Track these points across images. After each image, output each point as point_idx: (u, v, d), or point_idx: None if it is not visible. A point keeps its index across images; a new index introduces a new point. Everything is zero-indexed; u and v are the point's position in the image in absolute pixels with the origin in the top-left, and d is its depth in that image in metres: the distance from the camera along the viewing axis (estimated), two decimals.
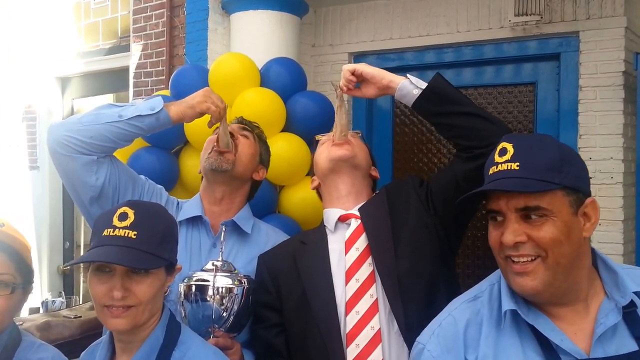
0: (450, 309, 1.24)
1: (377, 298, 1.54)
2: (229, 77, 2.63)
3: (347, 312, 1.54)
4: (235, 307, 1.54)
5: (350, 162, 1.68)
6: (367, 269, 1.58)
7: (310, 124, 2.58)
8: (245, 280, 1.57)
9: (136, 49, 3.73)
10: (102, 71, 4.43)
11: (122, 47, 4.17)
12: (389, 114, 3.33)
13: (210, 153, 1.76)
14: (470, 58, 3.05)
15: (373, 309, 1.53)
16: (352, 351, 1.51)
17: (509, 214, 1.10)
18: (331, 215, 1.70)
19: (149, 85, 3.67)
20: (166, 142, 2.67)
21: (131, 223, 1.23)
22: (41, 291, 4.53)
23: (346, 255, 1.61)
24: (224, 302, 1.51)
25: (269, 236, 1.86)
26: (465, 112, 1.55)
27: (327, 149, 1.70)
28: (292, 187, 2.60)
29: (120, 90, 4.33)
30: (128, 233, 1.22)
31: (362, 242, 1.61)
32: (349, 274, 1.58)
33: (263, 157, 1.91)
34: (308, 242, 1.71)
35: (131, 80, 3.79)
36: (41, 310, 3.58)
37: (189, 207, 1.82)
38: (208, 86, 2.60)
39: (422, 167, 3.23)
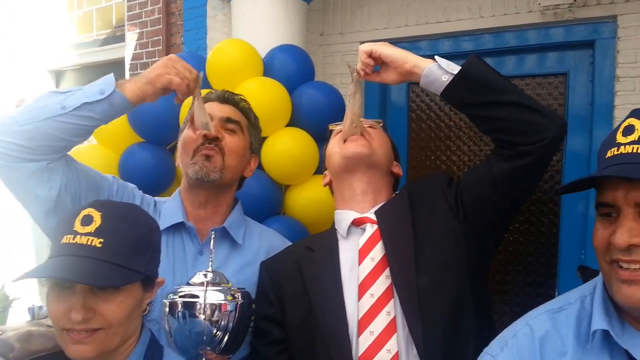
0: (528, 318, 1.13)
1: (395, 316, 1.36)
2: (228, 65, 2.47)
3: (360, 331, 1.36)
4: (230, 326, 1.36)
5: (366, 161, 1.50)
6: (383, 282, 1.40)
7: (318, 117, 2.41)
8: (239, 294, 1.39)
9: (131, 38, 3.67)
10: (97, 63, 4.39)
11: (117, 38, 4.13)
12: (404, 108, 3.14)
13: (194, 158, 1.52)
14: (493, 46, 2.85)
15: (390, 329, 1.35)
16: None
17: (626, 209, 0.96)
18: (343, 218, 1.52)
19: None
20: (161, 138, 2.53)
21: (96, 228, 1.07)
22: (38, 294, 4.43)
23: (360, 266, 1.43)
24: (215, 318, 1.34)
25: (262, 239, 1.67)
26: (508, 102, 1.32)
27: (341, 143, 1.52)
28: (298, 186, 2.45)
29: None
30: (92, 241, 1.05)
31: (378, 252, 1.43)
32: (363, 288, 1.40)
33: (254, 146, 1.69)
34: (316, 248, 1.53)
35: (127, 72, 3.71)
36: (28, 317, 3.43)
37: (169, 212, 1.59)
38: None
39: (440, 167, 3.06)
